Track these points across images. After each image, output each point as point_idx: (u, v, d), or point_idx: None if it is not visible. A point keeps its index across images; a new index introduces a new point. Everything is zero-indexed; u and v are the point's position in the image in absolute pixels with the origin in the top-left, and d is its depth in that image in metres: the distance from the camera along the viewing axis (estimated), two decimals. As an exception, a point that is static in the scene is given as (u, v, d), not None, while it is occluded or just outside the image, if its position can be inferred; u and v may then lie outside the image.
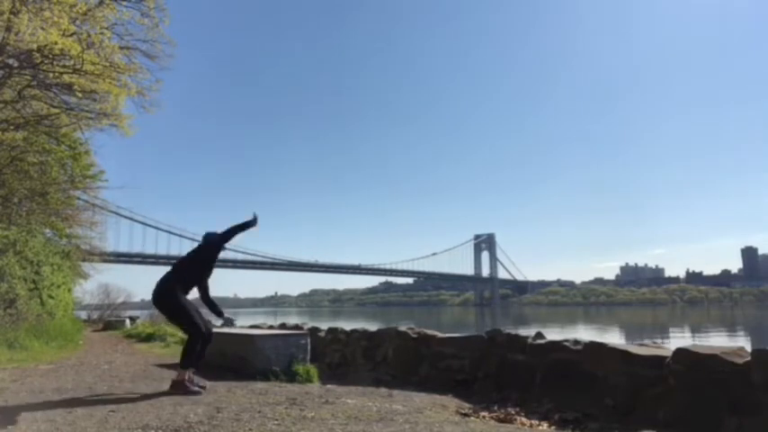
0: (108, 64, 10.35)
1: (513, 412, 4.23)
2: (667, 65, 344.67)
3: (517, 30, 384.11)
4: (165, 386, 4.90)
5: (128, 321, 20.85)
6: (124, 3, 10.91)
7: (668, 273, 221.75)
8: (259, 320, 19.92)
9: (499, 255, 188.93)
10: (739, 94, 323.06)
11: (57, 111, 11.72)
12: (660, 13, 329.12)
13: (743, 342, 22.46)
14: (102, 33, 9.91)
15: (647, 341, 4.82)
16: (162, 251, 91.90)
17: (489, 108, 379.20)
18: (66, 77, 10.23)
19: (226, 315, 5.33)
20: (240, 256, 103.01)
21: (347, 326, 8.96)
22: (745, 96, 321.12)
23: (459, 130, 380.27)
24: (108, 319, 21.69)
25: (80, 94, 10.65)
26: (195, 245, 5.17)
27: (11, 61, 10.11)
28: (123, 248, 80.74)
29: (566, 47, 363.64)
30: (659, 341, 4.98)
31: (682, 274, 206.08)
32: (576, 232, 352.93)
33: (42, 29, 8.65)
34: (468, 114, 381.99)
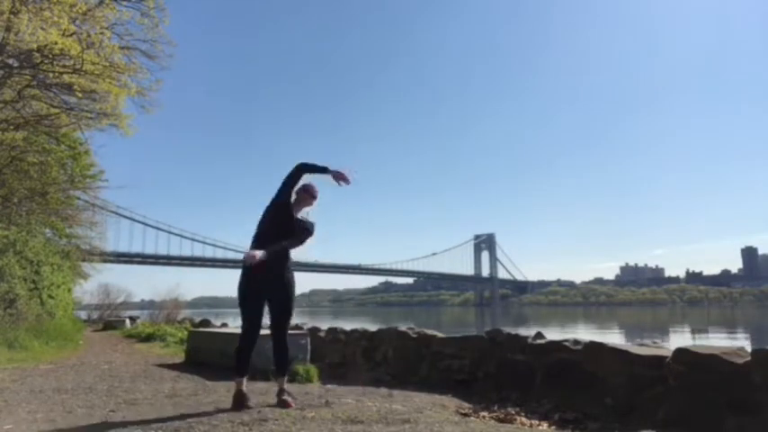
0: (108, 64, 10.37)
1: (513, 412, 4.22)
2: (669, 66, 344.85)
3: (519, 29, 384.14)
4: (166, 386, 4.89)
5: (128, 321, 20.85)
6: (124, 3, 10.95)
7: (668, 273, 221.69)
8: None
9: (499, 255, 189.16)
10: (740, 94, 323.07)
11: (57, 111, 11.73)
12: (658, 11, 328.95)
13: (743, 342, 22.45)
14: (102, 33, 9.93)
15: (647, 341, 4.82)
16: (162, 251, 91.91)
17: (490, 108, 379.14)
18: (66, 77, 10.24)
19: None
20: (240, 257, 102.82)
21: (347, 326, 8.95)
22: (746, 97, 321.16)
23: (460, 131, 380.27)
24: (108, 319, 21.68)
25: (80, 94, 10.66)
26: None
27: (11, 61, 10.11)
28: (123, 248, 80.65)
29: (567, 48, 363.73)
30: (659, 341, 4.97)
31: (682, 274, 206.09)
32: (577, 232, 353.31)
33: (42, 29, 8.65)
34: (469, 114, 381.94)
